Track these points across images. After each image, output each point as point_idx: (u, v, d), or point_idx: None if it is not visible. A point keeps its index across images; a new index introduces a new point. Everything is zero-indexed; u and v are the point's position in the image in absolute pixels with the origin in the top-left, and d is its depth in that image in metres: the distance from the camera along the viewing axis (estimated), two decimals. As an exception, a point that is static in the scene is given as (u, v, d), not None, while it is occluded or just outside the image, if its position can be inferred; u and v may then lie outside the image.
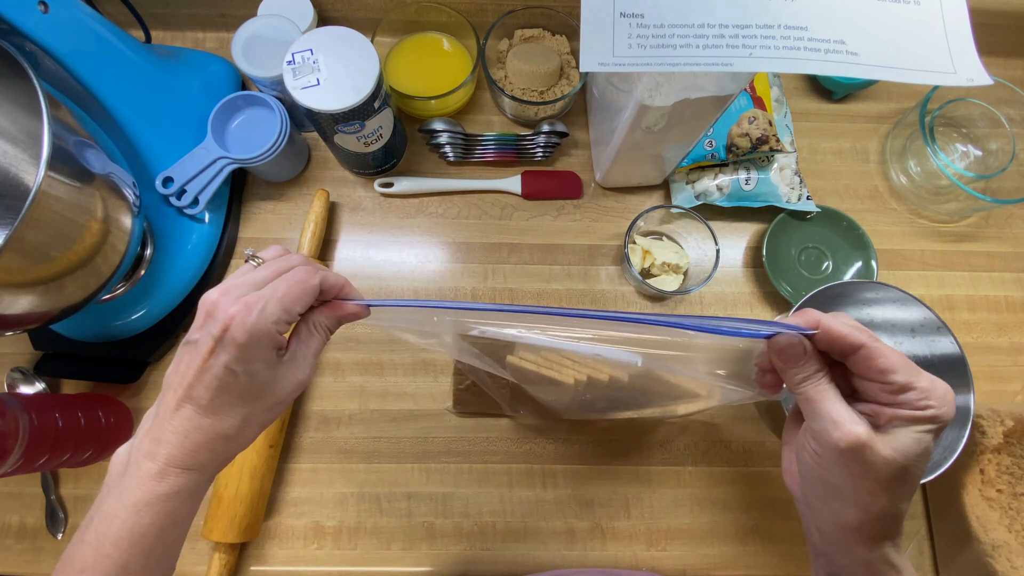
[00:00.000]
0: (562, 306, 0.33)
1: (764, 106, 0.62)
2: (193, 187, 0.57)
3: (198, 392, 0.28)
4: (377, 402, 0.60)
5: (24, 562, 0.56)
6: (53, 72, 0.49)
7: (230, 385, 0.28)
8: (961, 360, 0.52)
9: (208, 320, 0.28)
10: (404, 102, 0.63)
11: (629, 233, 0.60)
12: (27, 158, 0.51)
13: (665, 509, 0.59)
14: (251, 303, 0.28)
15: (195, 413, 0.28)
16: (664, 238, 0.65)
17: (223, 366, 0.27)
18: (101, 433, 0.54)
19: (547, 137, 0.65)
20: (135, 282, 0.57)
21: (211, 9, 0.67)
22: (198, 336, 0.29)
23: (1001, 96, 0.66)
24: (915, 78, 0.38)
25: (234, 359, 0.27)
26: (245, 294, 0.28)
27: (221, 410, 0.28)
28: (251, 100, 0.59)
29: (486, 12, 0.66)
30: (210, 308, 0.28)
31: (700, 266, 0.61)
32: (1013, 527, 0.54)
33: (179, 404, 0.28)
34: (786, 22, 0.38)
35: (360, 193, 0.66)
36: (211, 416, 0.28)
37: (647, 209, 0.60)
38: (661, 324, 0.31)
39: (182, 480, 0.28)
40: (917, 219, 0.69)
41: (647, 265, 0.63)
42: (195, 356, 0.28)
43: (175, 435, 0.28)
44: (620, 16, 0.38)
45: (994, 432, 0.55)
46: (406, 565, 0.57)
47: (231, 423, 0.29)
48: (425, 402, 0.60)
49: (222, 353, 0.28)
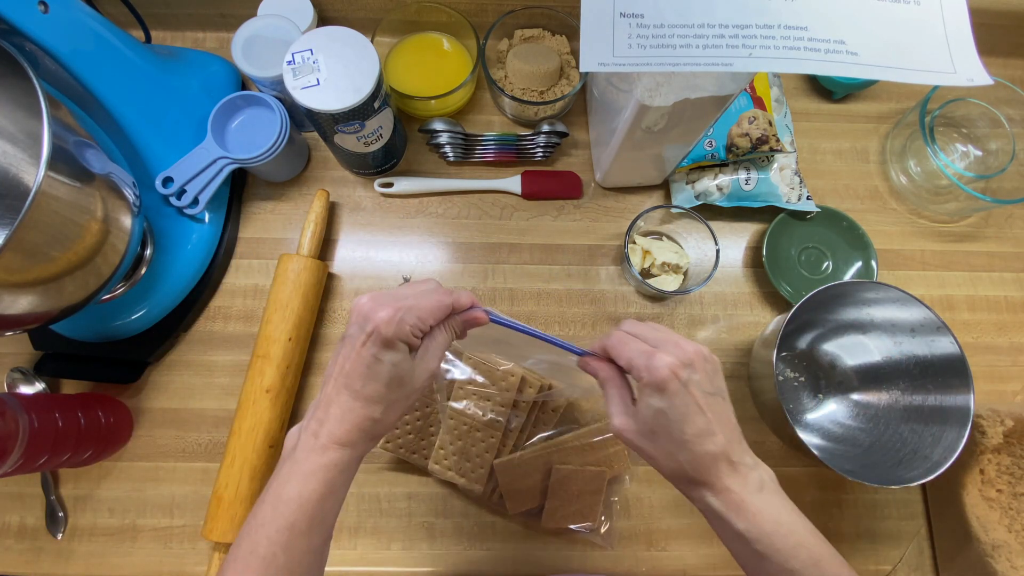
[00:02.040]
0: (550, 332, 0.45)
1: (764, 106, 0.62)
2: (193, 187, 0.57)
3: (353, 380, 0.35)
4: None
5: (24, 562, 0.56)
6: (53, 72, 0.49)
7: (378, 373, 0.35)
8: (961, 360, 0.52)
9: (362, 320, 0.35)
10: (404, 102, 0.63)
11: (629, 233, 0.60)
12: (27, 158, 0.51)
13: (665, 509, 0.59)
14: (396, 310, 0.35)
15: (350, 398, 0.35)
16: (664, 238, 0.65)
17: (372, 356, 0.34)
18: (101, 433, 0.54)
19: (547, 137, 0.65)
20: (135, 282, 0.57)
21: (211, 9, 0.67)
22: (354, 331, 0.35)
23: (1001, 96, 0.66)
24: (915, 78, 0.38)
25: (380, 351, 0.34)
26: (391, 304, 0.35)
27: (370, 395, 0.35)
28: (251, 100, 0.59)
29: (486, 12, 0.66)
30: (365, 312, 0.35)
31: (700, 266, 0.61)
32: (1013, 527, 0.54)
33: (338, 391, 0.35)
34: (786, 22, 0.38)
35: (360, 193, 0.66)
36: (362, 400, 0.35)
37: (647, 209, 0.60)
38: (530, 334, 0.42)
39: (339, 455, 0.34)
40: (917, 219, 0.69)
41: (647, 265, 0.63)
42: (351, 347, 0.35)
43: (334, 417, 0.35)
44: (620, 16, 0.38)
45: (994, 432, 0.55)
46: (406, 565, 0.57)
47: (377, 407, 0.35)
48: (425, 402, 0.60)
49: (372, 346, 0.34)
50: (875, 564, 0.59)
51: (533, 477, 0.55)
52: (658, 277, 0.63)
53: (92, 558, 0.56)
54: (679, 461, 0.35)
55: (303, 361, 0.59)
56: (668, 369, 0.34)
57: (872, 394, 0.60)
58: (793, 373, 0.62)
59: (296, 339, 0.57)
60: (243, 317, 0.62)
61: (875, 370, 0.60)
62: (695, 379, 0.35)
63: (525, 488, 0.55)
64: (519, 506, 0.55)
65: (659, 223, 0.64)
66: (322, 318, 0.62)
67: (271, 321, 0.57)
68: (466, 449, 0.56)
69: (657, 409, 0.35)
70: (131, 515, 0.57)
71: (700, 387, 0.35)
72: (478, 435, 0.56)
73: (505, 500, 0.55)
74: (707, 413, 0.35)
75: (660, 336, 0.37)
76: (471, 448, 0.56)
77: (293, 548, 0.33)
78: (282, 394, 0.56)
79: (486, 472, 0.55)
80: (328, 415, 0.35)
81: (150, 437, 0.59)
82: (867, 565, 0.59)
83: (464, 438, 0.56)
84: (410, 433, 0.57)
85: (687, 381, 0.35)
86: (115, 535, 0.56)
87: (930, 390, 0.55)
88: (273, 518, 0.33)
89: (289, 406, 0.57)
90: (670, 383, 0.34)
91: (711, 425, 0.35)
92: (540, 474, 0.56)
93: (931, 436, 0.53)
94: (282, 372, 0.55)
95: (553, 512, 0.55)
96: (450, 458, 0.56)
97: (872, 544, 0.59)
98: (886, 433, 0.56)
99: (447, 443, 0.56)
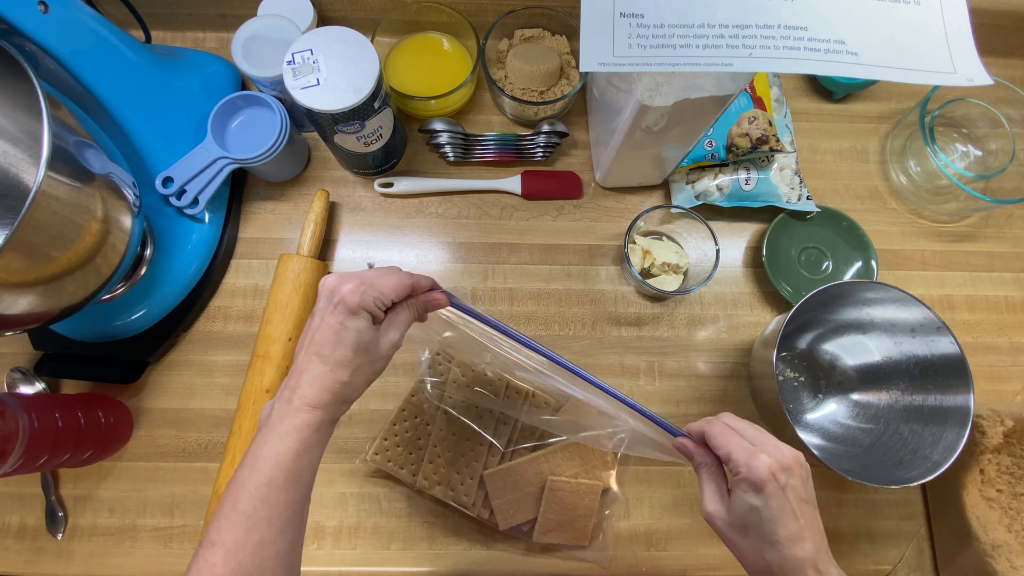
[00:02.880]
0: (558, 352, 0.46)
1: (764, 106, 0.62)
2: (193, 187, 0.57)
3: (322, 347, 0.37)
4: (377, 402, 0.60)
5: (24, 562, 0.56)
6: (53, 72, 0.49)
7: (344, 339, 0.37)
8: (961, 360, 0.52)
9: (329, 293, 0.38)
10: (404, 102, 0.63)
11: (629, 233, 0.60)
12: (27, 158, 0.51)
13: (665, 509, 0.59)
14: (360, 283, 0.38)
15: (319, 363, 0.37)
16: (664, 238, 0.65)
17: (339, 323, 0.37)
18: (101, 433, 0.54)
19: (547, 137, 0.65)
20: (135, 282, 0.57)
21: (211, 9, 0.67)
22: (322, 304, 0.38)
23: (1001, 96, 0.66)
24: (915, 78, 0.38)
25: (346, 318, 0.37)
26: (355, 279, 0.38)
27: (338, 360, 0.37)
28: (251, 100, 0.59)
29: (486, 12, 0.66)
30: (331, 286, 0.38)
31: (700, 266, 0.61)
32: (1013, 527, 0.54)
33: (308, 359, 0.38)
34: (786, 22, 0.38)
35: (360, 193, 0.66)
36: (331, 364, 0.37)
37: (647, 209, 0.60)
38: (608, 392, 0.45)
39: (312, 415, 0.37)
40: (917, 219, 0.69)
41: (647, 265, 0.63)
42: (320, 318, 0.38)
43: (306, 382, 0.37)
44: (620, 16, 0.38)
45: (994, 432, 0.55)
46: (406, 565, 0.57)
47: (345, 371, 0.38)
48: (425, 402, 0.60)
49: (337, 314, 0.37)
50: (875, 564, 0.59)
51: (524, 489, 0.55)
52: (658, 277, 0.63)
53: (92, 558, 0.56)
54: (766, 560, 0.37)
55: (303, 361, 0.59)
56: (768, 470, 0.36)
57: (872, 394, 0.60)
58: (793, 373, 0.62)
59: (296, 339, 0.57)
60: (243, 317, 0.62)
61: (875, 370, 0.60)
62: (792, 483, 0.37)
63: (516, 500, 0.55)
64: (509, 520, 0.55)
65: (659, 223, 0.64)
66: (322, 318, 0.62)
67: (271, 321, 0.56)
68: (455, 460, 0.55)
69: (752, 506, 0.37)
70: (131, 515, 0.57)
71: (796, 492, 0.37)
72: (467, 444, 0.56)
73: (495, 515, 0.55)
74: (800, 519, 0.36)
75: (760, 436, 0.39)
76: (460, 458, 0.55)
77: (271, 502, 0.35)
78: (282, 394, 0.56)
79: (475, 483, 0.55)
80: (300, 381, 0.37)
81: (150, 437, 0.59)
82: (867, 565, 0.59)
83: (453, 448, 0.56)
84: (399, 446, 0.56)
85: (784, 485, 0.36)
86: (115, 535, 0.56)
87: (930, 390, 0.55)
88: (251, 476, 0.35)
89: (289, 406, 0.57)
90: (768, 484, 0.36)
91: (803, 531, 0.36)
92: (532, 486, 0.55)
93: (931, 436, 0.53)
94: (282, 372, 0.55)
95: (545, 527, 0.55)
96: (439, 472, 0.55)
97: (872, 544, 0.59)
98: (886, 433, 0.56)
99: (436, 455, 0.55)
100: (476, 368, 0.57)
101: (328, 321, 0.38)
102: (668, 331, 0.63)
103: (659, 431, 0.46)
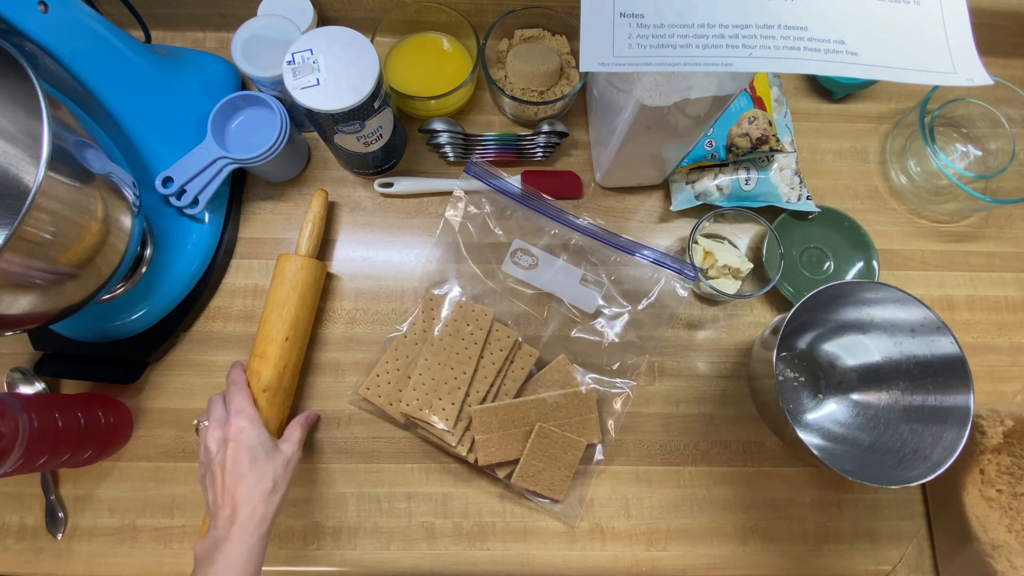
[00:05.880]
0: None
1: (764, 106, 0.62)
2: (193, 187, 0.57)
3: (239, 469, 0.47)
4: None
5: (24, 562, 0.56)
6: (53, 72, 0.49)
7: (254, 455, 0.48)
8: (961, 360, 0.52)
9: (218, 442, 0.49)
10: (404, 102, 0.63)
11: (693, 233, 0.61)
12: (27, 158, 0.51)
13: (665, 509, 0.59)
14: (238, 419, 0.49)
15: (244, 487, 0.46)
16: (725, 241, 0.65)
17: (244, 445, 0.48)
18: (101, 433, 0.54)
19: (547, 137, 0.65)
20: (135, 282, 0.57)
21: (211, 9, 0.67)
22: (214, 451, 0.49)
23: (1001, 96, 0.66)
24: (915, 78, 0.38)
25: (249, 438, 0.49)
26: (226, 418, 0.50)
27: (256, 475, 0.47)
28: (251, 100, 0.59)
29: (486, 12, 0.66)
30: (218, 436, 0.49)
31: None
32: (1013, 527, 0.54)
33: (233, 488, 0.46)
34: (786, 22, 0.38)
35: (360, 193, 0.66)
36: (253, 477, 0.47)
37: (713, 211, 0.62)
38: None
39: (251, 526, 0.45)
40: (917, 219, 0.69)
41: (707, 267, 0.63)
42: (222, 454, 0.48)
43: (240, 503, 0.46)
44: (620, 16, 0.38)
45: (994, 432, 0.55)
46: (406, 565, 0.57)
47: (267, 482, 0.47)
48: (425, 402, 0.60)
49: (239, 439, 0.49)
50: (875, 564, 0.59)
51: (508, 430, 0.56)
52: (717, 279, 0.62)
53: (92, 558, 0.56)
54: None
55: (302, 361, 0.59)
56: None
57: (872, 394, 0.60)
58: (793, 373, 0.62)
59: (293, 338, 0.57)
60: (243, 317, 0.62)
61: (875, 370, 0.60)
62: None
63: (499, 439, 0.55)
64: (489, 458, 0.55)
65: (712, 223, 0.65)
66: (321, 318, 0.62)
67: (268, 320, 0.56)
68: (438, 387, 0.56)
69: None
70: (131, 515, 0.57)
71: None
72: (451, 372, 0.56)
73: (477, 449, 0.55)
74: None
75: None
76: (443, 385, 0.56)
77: None
78: (279, 394, 0.55)
79: (456, 409, 0.55)
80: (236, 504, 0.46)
81: (150, 437, 0.59)
82: (867, 565, 0.59)
83: (437, 376, 0.56)
84: (390, 382, 0.57)
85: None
86: (115, 535, 0.56)
87: (930, 390, 0.55)
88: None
89: (287, 406, 0.57)
90: None
91: None
92: (517, 428, 0.56)
93: (931, 436, 0.53)
94: (279, 372, 0.55)
95: (526, 471, 0.55)
96: (422, 397, 0.56)
97: (872, 544, 0.59)
98: (886, 433, 0.56)
99: (419, 383, 0.56)
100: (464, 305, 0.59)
101: (230, 450, 0.48)
102: (668, 331, 0.63)
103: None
